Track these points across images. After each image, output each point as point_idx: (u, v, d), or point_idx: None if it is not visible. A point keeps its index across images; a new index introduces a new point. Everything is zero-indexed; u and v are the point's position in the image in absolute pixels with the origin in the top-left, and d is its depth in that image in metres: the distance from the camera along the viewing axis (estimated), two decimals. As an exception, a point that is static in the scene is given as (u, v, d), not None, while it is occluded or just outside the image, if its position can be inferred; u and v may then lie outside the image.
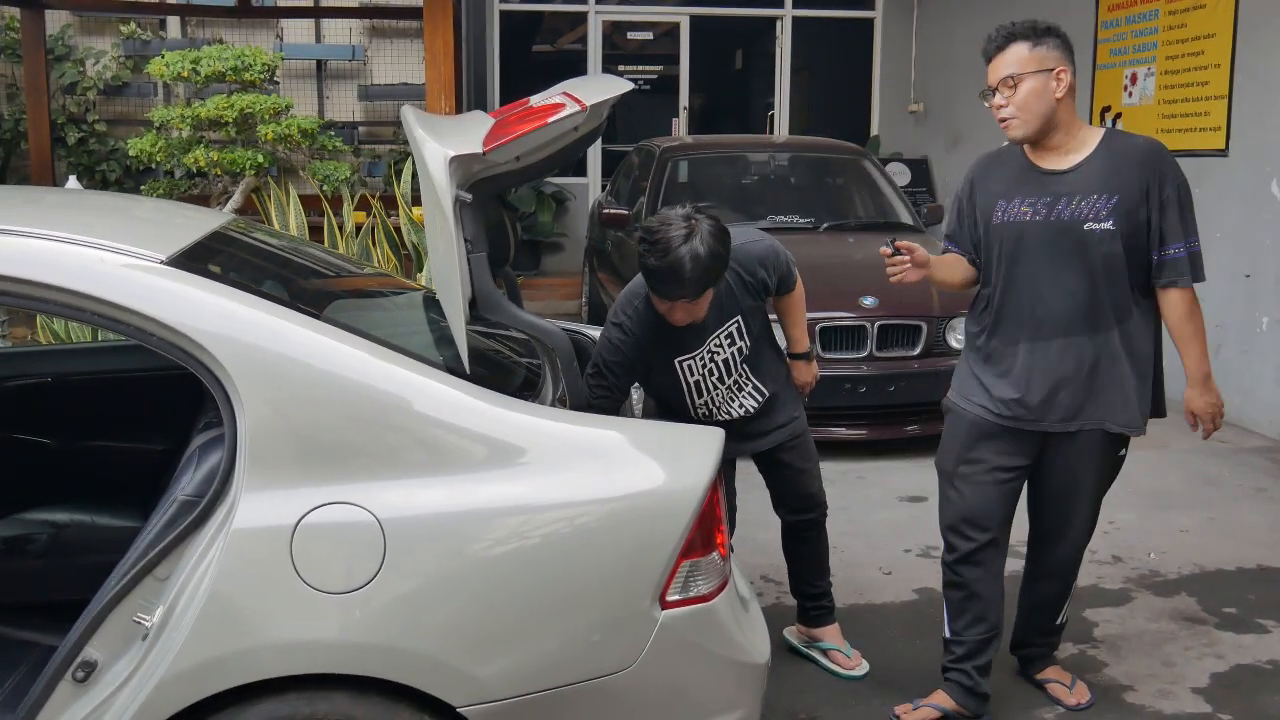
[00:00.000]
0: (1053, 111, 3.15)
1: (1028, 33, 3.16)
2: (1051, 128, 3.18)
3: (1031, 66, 3.12)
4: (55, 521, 3.46)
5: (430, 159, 2.47)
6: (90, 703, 2.20)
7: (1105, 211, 3.14)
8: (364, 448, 2.28)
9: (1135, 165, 3.14)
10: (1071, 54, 3.19)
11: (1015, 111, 3.15)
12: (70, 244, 2.30)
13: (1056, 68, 3.13)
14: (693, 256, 3.10)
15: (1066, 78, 3.14)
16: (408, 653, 2.24)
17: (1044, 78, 3.12)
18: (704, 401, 3.59)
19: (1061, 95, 3.14)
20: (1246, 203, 7.08)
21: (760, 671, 2.56)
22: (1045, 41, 3.14)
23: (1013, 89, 3.14)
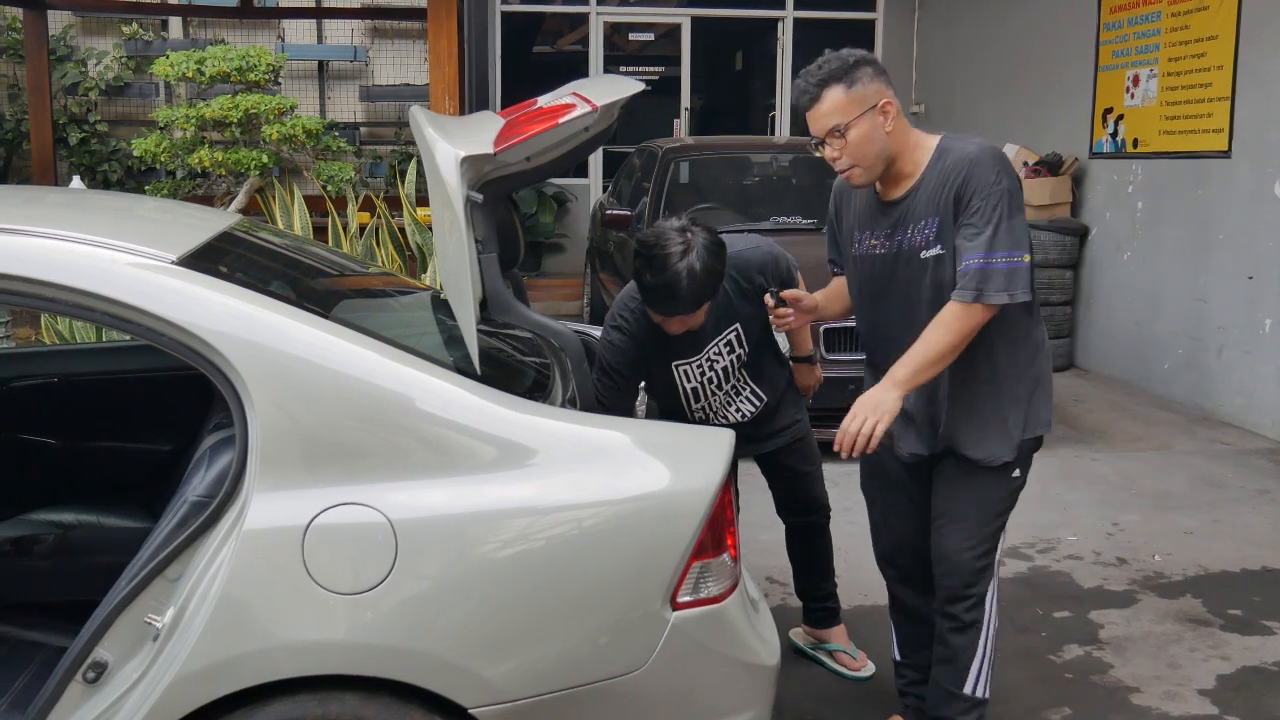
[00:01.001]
0: (888, 147, 2.88)
1: (839, 74, 2.83)
2: (893, 160, 2.92)
3: (855, 110, 2.82)
4: (62, 522, 3.46)
5: (442, 159, 2.46)
6: (101, 703, 2.20)
7: (933, 236, 2.91)
8: (375, 448, 2.28)
9: (949, 181, 2.86)
10: (886, 75, 2.90)
11: (851, 161, 2.88)
12: (81, 244, 2.29)
13: (879, 101, 2.84)
14: (689, 273, 3.10)
15: (892, 108, 2.86)
16: (419, 654, 2.23)
17: (870, 117, 2.83)
18: (700, 406, 3.59)
19: (892, 127, 2.87)
20: (1249, 204, 7.08)
21: (770, 673, 2.56)
22: (860, 77, 2.83)
23: (842, 139, 2.85)
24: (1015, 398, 3.01)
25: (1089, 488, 5.94)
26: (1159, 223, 7.98)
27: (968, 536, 3.06)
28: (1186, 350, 7.67)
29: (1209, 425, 7.20)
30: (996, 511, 3.07)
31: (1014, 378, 3.01)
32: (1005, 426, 3.00)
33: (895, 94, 2.90)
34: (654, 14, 12.83)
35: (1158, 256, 7.98)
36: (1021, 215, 2.84)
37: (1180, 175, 7.75)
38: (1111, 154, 8.55)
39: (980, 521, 3.06)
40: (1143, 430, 7.10)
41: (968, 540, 3.06)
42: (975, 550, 3.07)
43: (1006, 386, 3.00)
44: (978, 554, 3.07)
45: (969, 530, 3.06)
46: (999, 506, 3.07)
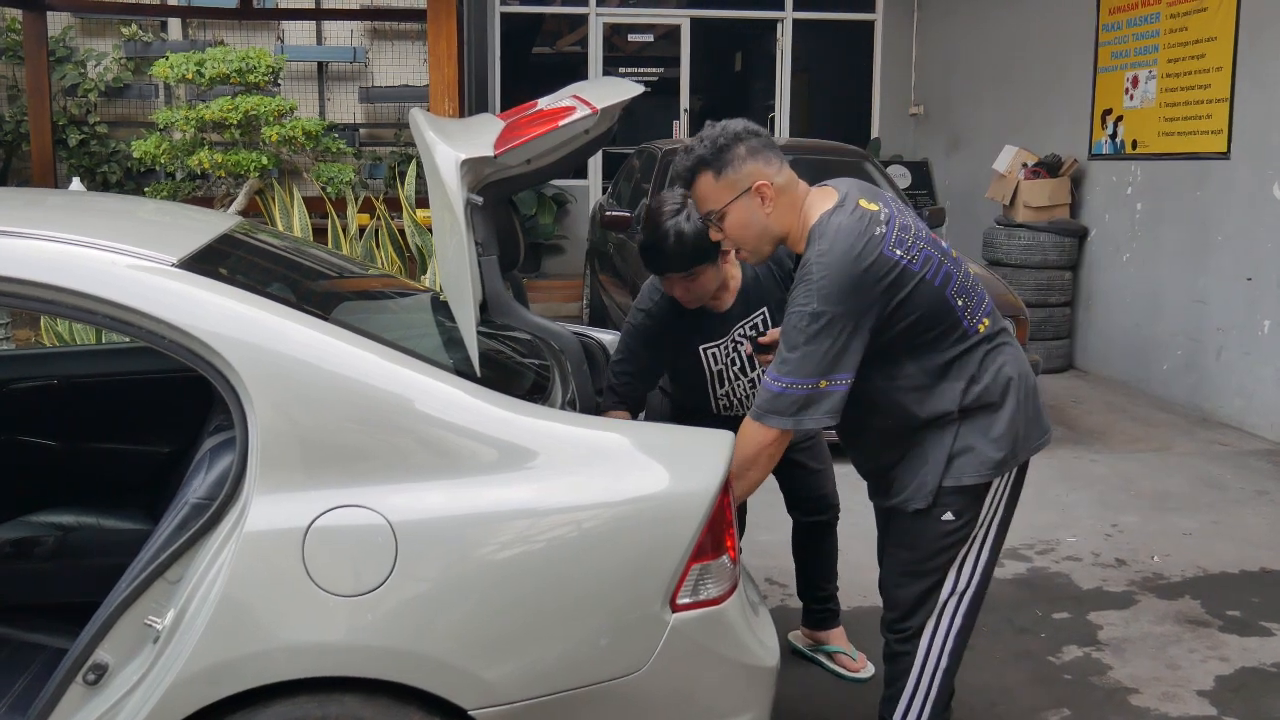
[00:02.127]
0: (769, 229, 2.76)
1: (708, 160, 2.70)
2: (780, 240, 2.81)
3: (726, 196, 2.71)
4: (62, 523, 3.46)
5: (442, 162, 2.47)
6: (101, 705, 2.20)
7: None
8: (375, 451, 2.28)
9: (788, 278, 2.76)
10: (769, 150, 2.74)
11: (734, 244, 2.82)
12: (81, 246, 2.30)
13: (754, 183, 2.70)
14: (676, 233, 3.15)
15: (769, 190, 2.71)
16: (419, 656, 2.24)
17: (744, 201, 2.71)
18: (725, 392, 3.57)
19: (772, 208, 2.73)
20: (1248, 206, 7.09)
21: (770, 674, 2.56)
22: (729, 161, 2.69)
23: (720, 224, 2.77)
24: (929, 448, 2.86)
25: (1088, 489, 5.95)
26: (1158, 224, 7.99)
27: (899, 571, 2.99)
28: (1185, 352, 7.67)
29: (1208, 426, 7.20)
30: (929, 553, 2.91)
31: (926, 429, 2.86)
32: (917, 474, 2.88)
33: (782, 167, 2.76)
34: (653, 15, 12.84)
35: (1157, 258, 7.99)
36: (826, 339, 2.63)
37: (1179, 177, 7.76)
38: (1111, 155, 8.55)
39: (912, 560, 2.95)
40: (1142, 431, 7.11)
41: (898, 574, 2.99)
42: (906, 587, 2.96)
43: (918, 437, 2.88)
44: (911, 591, 2.96)
45: (900, 565, 2.99)
46: (932, 547, 2.91)
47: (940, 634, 2.99)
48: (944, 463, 2.85)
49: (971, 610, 2.98)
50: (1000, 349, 2.88)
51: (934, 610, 2.95)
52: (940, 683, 3.00)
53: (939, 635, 2.98)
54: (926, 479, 2.86)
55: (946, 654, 2.99)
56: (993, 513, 2.95)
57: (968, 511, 2.89)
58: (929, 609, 2.95)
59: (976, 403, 2.84)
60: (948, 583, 2.95)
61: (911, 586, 2.95)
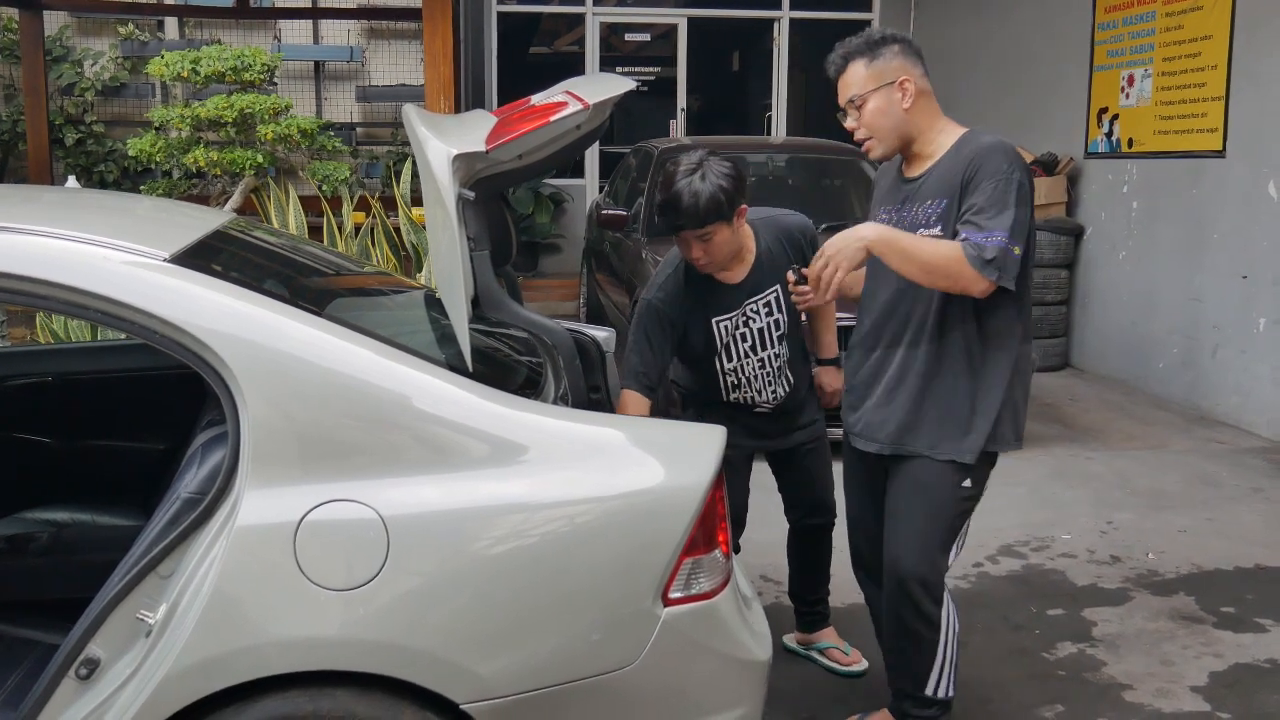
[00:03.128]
0: (904, 123, 2.98)
1: (863, 49, 2.98)
2: (911, 138, 3.01)
3: (871, 84, 2.96)
4: (56, 520, 3.47)
5: (434, 157, 2.47)
6: (93, 700, 2.20)
7: (935, 217, 2.94)
8: (367, 445, 2.29)
9: (963, 166, 2.90)
10: (916, 57, 3.00)
11: (867, 132, 3.00)
12: (74, 242, 2.30)
13: (898, 78, 2.95)
14: (692, 191, 3.27)
15: (911, 85, 2.95)
16: (411, 650, 2.24)
17: (887, 92, 2.95)
18: (734, 368, 3.58)
19: (910, 104, 2.96)
20: (1243, 204, 7.09)
21: (762, 669, 2.56)
22: (883, 54, 2.96)
23: (859, 110, 2.98)
24: (984, 405, 2.99)
25: (1083, 486, 5.95)
26: (1154, 222, 7.99)
27: (912, 539, 3.05)
28: (1181, 349, 7.68)
29: (1204, 424, 7.21)
30: (945, 518, 3.04)
31: (986, 385, 2.99)
32: (967, 429, 2.99)
33: (925, 75, 3.00)
34: (650, 14, 12.85)
35: (1153, 256, 8.00)
36: (1026, 210, 2.84)
37: (1175, 175, 7.77)
38: (1106, 154, 8.56)
39: (927, 528, 3.05)
40: (1138, 429, 7.11)
41: (912, 543, 3.06)
42: (919, 554, 3.05)
43: (979, 391, 2.99)
44: (922, 559, 3.05)
45: (915, 533, 3.05)
46: (947, 512, 3.04)
47: (949, 601, 3.15)
48: (988, 426, 2.99)
49: None
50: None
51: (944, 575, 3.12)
52: (958, 647, 3.18)
53: (949, 603, 3.15)
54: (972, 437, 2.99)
55: (956, 619, 3.18)
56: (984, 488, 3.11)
57: (980, 484, 3.06)
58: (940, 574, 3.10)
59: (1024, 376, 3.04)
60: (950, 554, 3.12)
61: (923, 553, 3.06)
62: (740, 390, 3.62)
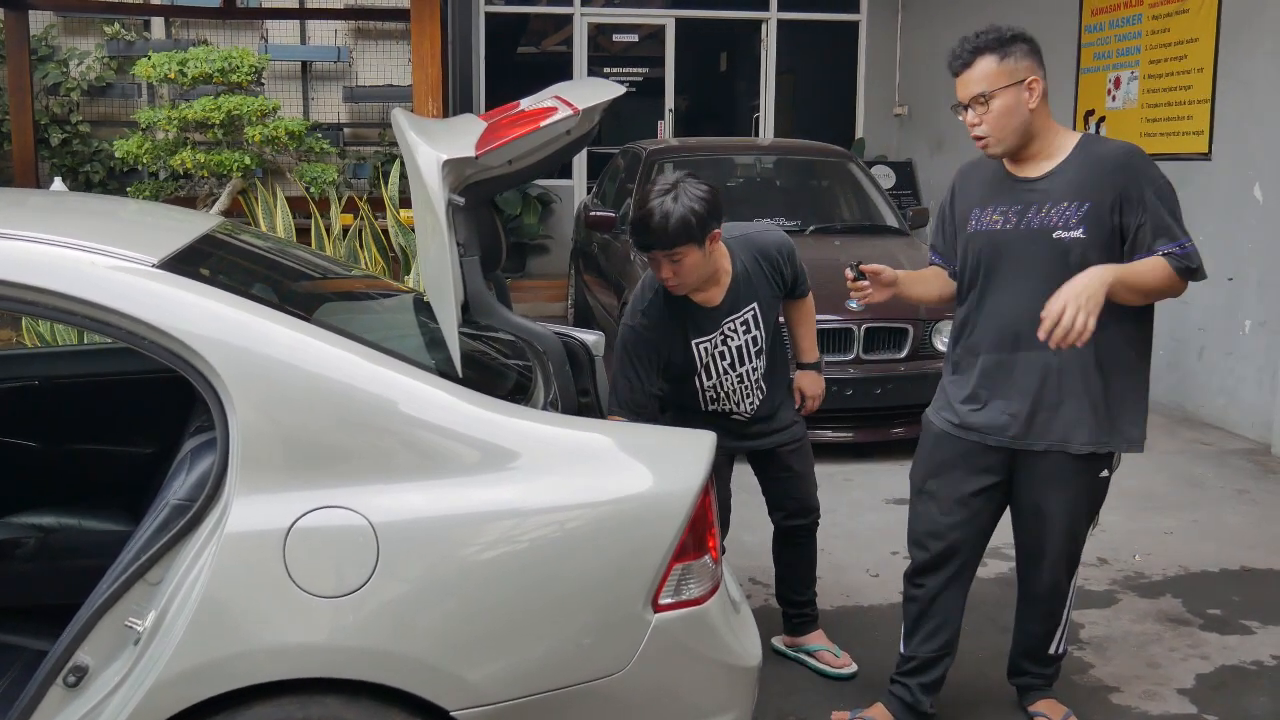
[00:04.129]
0: (1028, 123, 3.01)
1: (994, 44, 2.98)
2: (1029, 139, 3.04)
3: (1002, 81, 2.96)
4: (43, 525, 3.45)
5: (423, 162, 2.47)
6: (82, 708, 2.19)
7: (1075, 219, 2.99)
8: (356, 451, 2.28)
9: (1109, 171, 2.98)
10: (1040, 56, 3.04)
11: (990, 130, 3.01)
12: (61, 247, 2.29)
13: (1028, 78, 2.98)
14: (663, 211, 3.27)
15: (1039, 86, 3.00)
16: (401, 657, 2.24)
17: (1016, 91, 2.97)
18: (712, 384, 3.61)
19: (1035, 105, 3.00)
20: (1229, 206, 7.12)
21: (752, 674, 2.57)
22: (1013, 51, 2.98)
23: (985, 106, 2.98)
24: (1131, 396, 3.16)
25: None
26: (1140, 224, 8.01)
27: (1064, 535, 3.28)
28: (1168, 351, 7.71)
29: (1190, 426, 7.24)
30: (1089, 508, 3.30)
31: (1144, 374, 3.17)
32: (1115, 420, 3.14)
33: (1045, 78, 3.04)
34: (638, 15, 12.85)
35: (1139, 258, 8.01)
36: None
37: (1161, 177, 7.78)
38: (1093, 156, 8.58)
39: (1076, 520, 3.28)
40: (1124, 431, 7.12)
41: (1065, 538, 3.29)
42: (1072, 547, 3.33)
43: (1140, 380, 3.17)
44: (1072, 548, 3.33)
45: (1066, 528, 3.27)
46: (1090, 503, 3.29)
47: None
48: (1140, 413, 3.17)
49: None
50: None
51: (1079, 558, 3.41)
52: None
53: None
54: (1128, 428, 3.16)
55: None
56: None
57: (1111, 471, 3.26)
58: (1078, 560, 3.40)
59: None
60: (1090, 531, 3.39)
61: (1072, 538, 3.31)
62: (719, 403, 3.67)
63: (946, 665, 3.42)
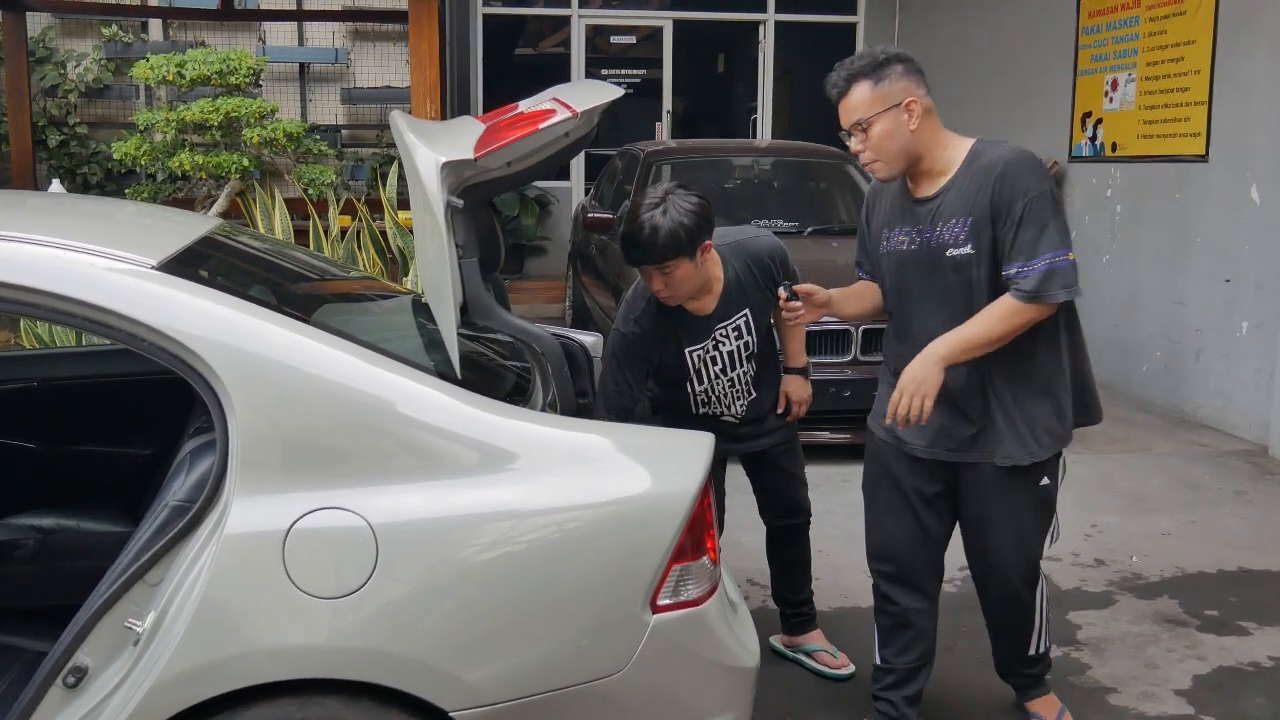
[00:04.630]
0: (911, 145, 2.97)
1: (867, 70, 2.95)
2: (917, 158, 3.00)
3: (878, 107, 2.93)
4: (42, 526, 3.45)
5: (422, 165, 2.47)
6: (81, 708, 2.20)
7: (963, 235, 2.97)
8: (356, 453, 2.29)
9: (985, 182, 2.93)
10: (920, 76, 2.99)
11: (874, 155, 2.98)
12: (61, 249, 2.30)
13: (904, 100, 2.93)
14: (651, 226, 3.28)
15: (918, 106, 2.94)
16: (400, 657, 2.24)
17: (894, 114, 2.93)
18: (704, 389, 3.63)
19: (916, 125, 2.95)
20: (1226, 208, 7.13)
21: (750, 674, 2.57)
22: (887, 75, 2.94)
23: (865, 133, 2.97)
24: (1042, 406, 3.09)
25: (1068, 489, 5.88)
26: (1137, 226, 8.03)
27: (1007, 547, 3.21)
28: (1165, 353, 7.72)
29: (1187, 427, 7.25)
30: (1031, 518, 3.19)
31: (1055, 381, 3.10)
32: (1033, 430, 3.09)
33: (928, 93, 3.00)
34: (636, 17, 12.85)
35: (1136, 260, 8.03)
36: (1063, 215, 2.94)
37: (1158, 179, 7.81)
38: (1090, 158, 8.60)
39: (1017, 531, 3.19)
40: (1121, 432, 7.14)
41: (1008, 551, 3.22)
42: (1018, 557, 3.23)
43: (1050, 388, 3.10)
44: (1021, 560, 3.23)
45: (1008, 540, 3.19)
46: (1032, 513, 3.19)
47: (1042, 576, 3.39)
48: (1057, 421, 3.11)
49: None
50: None
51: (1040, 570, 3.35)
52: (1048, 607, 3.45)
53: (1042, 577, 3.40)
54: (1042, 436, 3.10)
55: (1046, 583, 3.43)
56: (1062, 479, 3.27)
57: (1056, 479, 3.20)
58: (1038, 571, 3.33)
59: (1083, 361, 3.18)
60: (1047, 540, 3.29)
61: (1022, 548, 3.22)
62: (709, 406, 3.68)
63: (926, 675, 3.40)
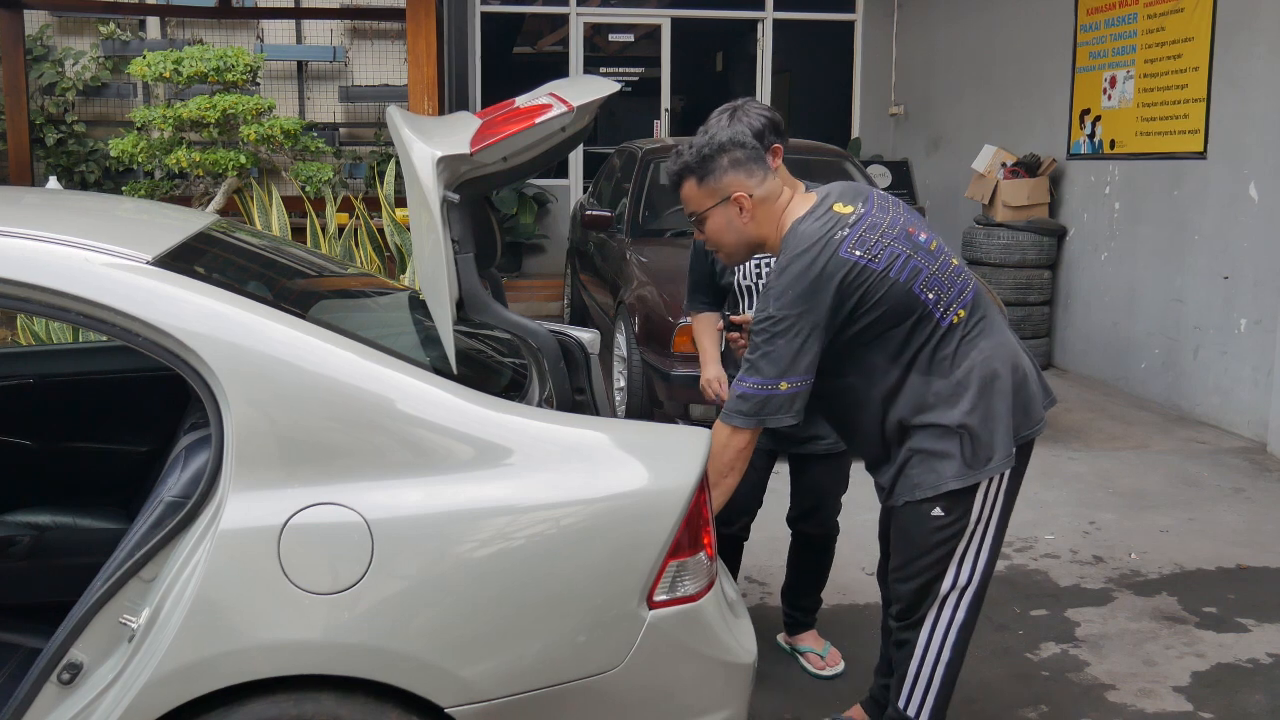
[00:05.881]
0: (747, 234, 2.93)
1: (693, 166, 2.90)
2: (758, 246, 2.98)
3: (707, 202, 2.90)
4: (38, 523, 3.44)
5: (418, 159, 2.46)
6: (76, 705, 2.19)
7: None
8: (351, 448, 2.28)
9: None
10: (753, 162, 2.89)
11: (713, 245, 2.99)
12: (55, 244, 2.29)
13: (733, 194, 2.87)
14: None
15: (748, 200, 2.87)
16: (395, 653, 2.23)
17: (724, 209, 2.89)
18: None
19: (750, 218, 2.90)
20: (1225, 205, 7.13)
21: (747, 671, 2.56)
22: (713, 170, 2.87)
23: (700, 226, 2.96)
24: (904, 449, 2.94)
25: (1066, 487, 5.98)
26: (1136, 223, 8.03)
27: (899, 563, 3.06)
28: (1163, 350, 7.72)
29: (1185, 425, 7.25)
30: (925, 548, 2.96)
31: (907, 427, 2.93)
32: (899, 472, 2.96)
33: (765, 178, 2.89)
34: (634, 15, 12.85)
35: (1135, 257, 8.03)
36: (785, 339, 2.78)
37: (1157, 176, 7.80)
38: (1089, 155, 8.60)
39: (907, 553, 3.02)
40: (1120, 430, 7.14)
41: (899, 569, 3.06)
42: (906, 582, 3.03)
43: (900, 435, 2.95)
44: (910, 586, 3.03)
45: (899, 558, 3.06)
46: (926, 542, 2.96)
47: (941, 626, 3.05)
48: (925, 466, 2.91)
49: (974, 606, 3.04)
50: (975, 341, 2.92)
51: (935, 602, 3.02)
52: (943, 675, 3.06)
53: (939, 627, 3.05)
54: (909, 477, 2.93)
55: (948, 647, 3.06)
56: (990, 509, 2.99)
57: (957, 509, 2.93)
58: (930, 601, 3.02)
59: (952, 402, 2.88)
60: (947, 578, 3.00)
61: (911, 582, 3.02)
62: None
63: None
